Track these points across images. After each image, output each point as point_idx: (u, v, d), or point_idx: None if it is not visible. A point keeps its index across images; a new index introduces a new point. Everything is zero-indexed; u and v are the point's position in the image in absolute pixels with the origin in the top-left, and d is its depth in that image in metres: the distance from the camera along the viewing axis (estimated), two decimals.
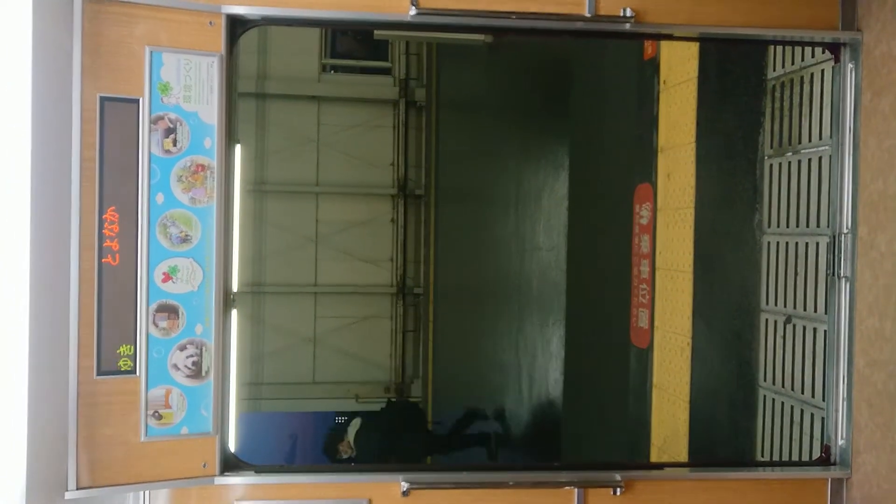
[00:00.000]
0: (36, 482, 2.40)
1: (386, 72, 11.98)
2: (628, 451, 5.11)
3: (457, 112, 10.02)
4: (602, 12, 2.89)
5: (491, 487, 2.89)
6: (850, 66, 3.01)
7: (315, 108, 11.34)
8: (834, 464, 3.03)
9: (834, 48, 3.05)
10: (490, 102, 8.59)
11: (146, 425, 2.67)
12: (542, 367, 6.54)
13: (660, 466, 3.17)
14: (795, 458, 3.23)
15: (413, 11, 2.80)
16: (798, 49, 3.49)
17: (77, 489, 2.57)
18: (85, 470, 2.59)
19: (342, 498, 2.85)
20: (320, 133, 11.34)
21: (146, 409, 2.67)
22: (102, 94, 2.61)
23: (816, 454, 3.13)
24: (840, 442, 3.02)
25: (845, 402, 3.01)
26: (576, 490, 2.91)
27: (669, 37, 3.02)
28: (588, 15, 2.88)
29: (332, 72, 11.96)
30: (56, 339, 2.54)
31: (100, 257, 2.61)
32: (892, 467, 2.77)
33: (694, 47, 4.35)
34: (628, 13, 2.86)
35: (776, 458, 3.63)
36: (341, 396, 11.28)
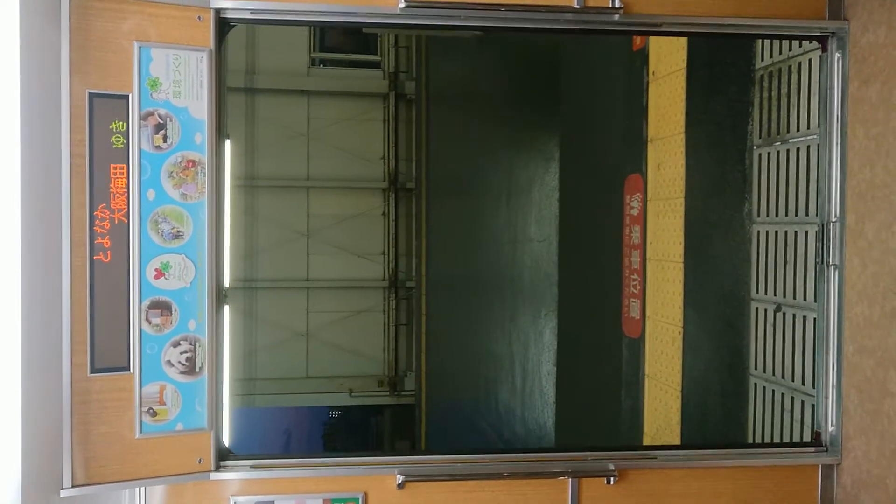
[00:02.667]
0: (31, 480, 2.40)
1: (375, 65, 11.94)
2: (621, 441, 5.15)
3: (447, 105, 10.00)
4: (591, 4, 2.90)
5: (486, 478, 2.91)
6: (837, 55, 3.03)
7: (305, 102, 11.31)
8: (825, 450, 3.06)
9: (821, 38, 3.06)
10: (480, 95, 8.58)
11: (141, 422, 2.67)
12: (534, 358, 6.57)
13: (651, 449, 3.19)
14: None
15: (402, 5, 2.80)
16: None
17: (72, 487, 2.57)
18: (80, 467, 2.59)
19: (338, 491, 2.87)
20: (310, 127, 11.31)
21: (140, 406, 2.67)
22: (91, 90, 2.60)
23: (807, 441, 3.16)
24: (830, 428, 3.06)
25: (835, 389, 3.04)
26: (570, 479, 2.93)
27: (657, 28, 3.02)
28: (577, 7, 2.89)
29: (322, 65, 11.91)
30: (48, 337, 2.54)
31: (91, 254, 2.61)
32: (881, 453, 2.80)
33: (682, 38, 4.36)
34: (617, 4, 2.87)
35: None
36: (335, 391, 11.29)
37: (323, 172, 11.35)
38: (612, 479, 2.91)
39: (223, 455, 2.82)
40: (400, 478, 2.84)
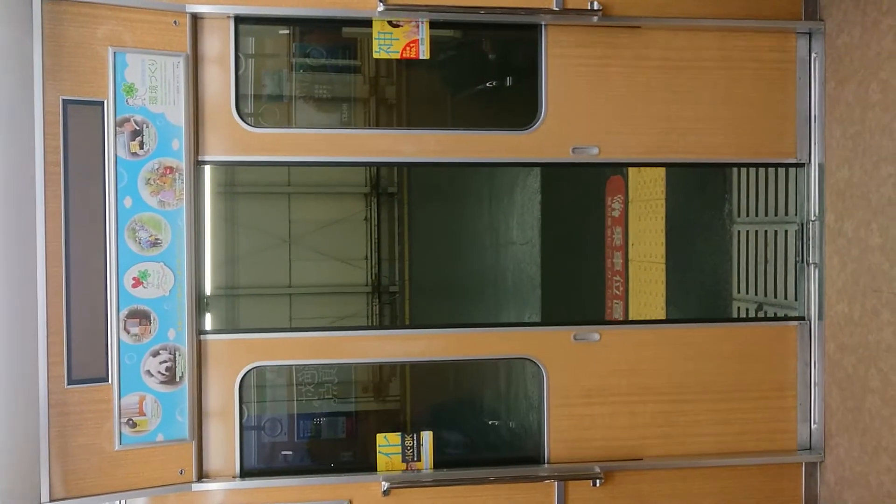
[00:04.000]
0: (7, 495, 2.35)
1: (356, 70, 11.89)
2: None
3: (429, 108, 9.98)
4: (570, 5, 2.90)
5: (471, 484, 2.89)
6: (813, 55, 3.06)
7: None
8: (808, 448, 3.09)
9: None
10: (460, 96, 8.56)
11: (120, 433, 2.63)
12: (518, 361, 6.55)
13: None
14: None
15: (381, 7, 2.79)
16: None
17: (50, 501, 2.52)
18: (58, 481, 2.54)
19: (323, 500, 2.83)
20: None
21: (120, 417, 2.63)
22: (65, 97, 2.56)
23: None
24: (813, 426, 3.07)
25: (817, 387, 3.06)
26: (556, 483, 2.92)
27: (636, 28, 3.03)
28: (556, 9, 2.89)
29: (301, 71, 11.86)
30: (24, 349, 2.49)
31: (67, 263, 2.56)
32: (863, 450, 2.82)
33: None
34: (595, 6, 2.88)
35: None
36: (319, 397, 11.22)
37: (304, 177, 11.29)
38: (598, 481, 2.90)
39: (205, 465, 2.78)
40: (385, 484, 2.81)
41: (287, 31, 3.14)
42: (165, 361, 2.69)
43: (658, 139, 3.00)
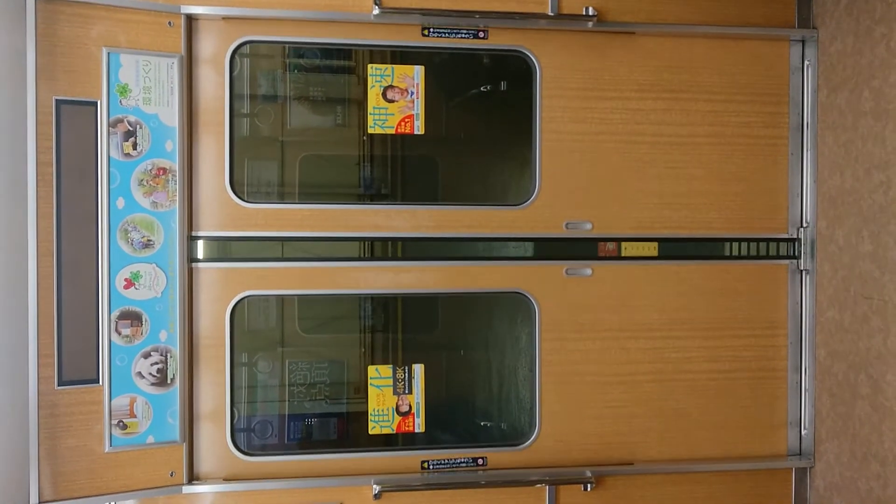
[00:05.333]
0: None
1: (350, 71, 11.90)
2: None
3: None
4: (565, 11, 2.91)
5: (463, 487, 2.90)
6: (806, 62, 3.07)
7: (279, 108, 11.22)
8: (798, 453, 3.10)
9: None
10: (455, 95, 8.56)
11: (110, 435, 2.62)
12: (510, 363, 6.56)
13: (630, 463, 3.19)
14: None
15: (376, 11, 2.79)
16: None
17: (40, 503, 2.51)
18: (48, 483, 2.53)
19: (314, 502, 2.83)
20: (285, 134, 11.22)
21: (110, 419, 2.62)
22: (58, 97, 2.55)
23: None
24: (803, 432, 3.09)
25: (807, 393, 3.07)
26: (547, 487, 2.93)
27: (631, 35, 3.04)
28: (551, 14, 2.90)
29: (296, 72, 11.85)
30: (14, 350, 2.48)
31: (59, 264, 2.55)
32: (853, 456, 2.83)
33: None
34: (591, 12, 2.89)
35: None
36: (311, 398, 11.20)
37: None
38: (589, 485, 2.91)
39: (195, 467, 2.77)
40: (376, 488, 2.81)
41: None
42: (157, 363, 2.68)
43: (651, 214, 3.03)
